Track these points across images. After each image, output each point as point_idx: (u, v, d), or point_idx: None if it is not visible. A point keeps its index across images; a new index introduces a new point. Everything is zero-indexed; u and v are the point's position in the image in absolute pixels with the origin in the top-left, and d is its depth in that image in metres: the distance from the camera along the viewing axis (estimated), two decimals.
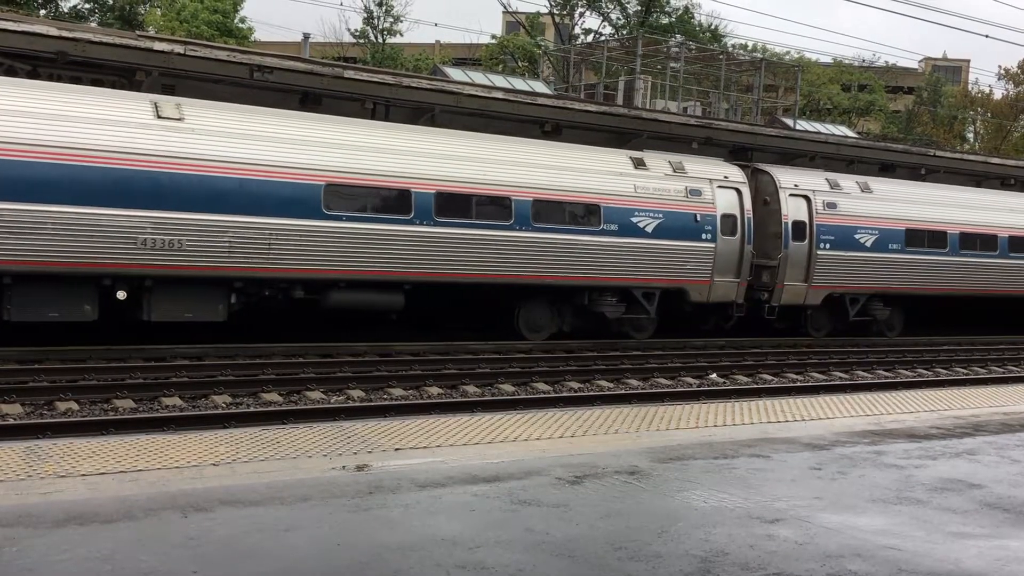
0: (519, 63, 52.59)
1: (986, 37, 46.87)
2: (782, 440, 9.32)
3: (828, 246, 22.11)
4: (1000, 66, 65.24)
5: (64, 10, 47.83)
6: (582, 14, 55.67)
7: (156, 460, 7.43)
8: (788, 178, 22.33)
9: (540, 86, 31.94)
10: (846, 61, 62.51)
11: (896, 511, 6.87)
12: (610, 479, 7.44)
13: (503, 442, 8.73)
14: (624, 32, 50.75)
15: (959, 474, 8.14)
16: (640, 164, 20.17)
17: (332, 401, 13.22)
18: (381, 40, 52.95)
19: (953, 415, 11.44)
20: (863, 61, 64.05)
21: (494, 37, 56.28)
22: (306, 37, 36.79)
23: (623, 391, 15.18)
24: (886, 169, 27.24)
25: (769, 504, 6.87)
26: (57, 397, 12.13)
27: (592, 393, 14.90)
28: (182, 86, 17.82)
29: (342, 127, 17.25)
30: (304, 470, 7.37)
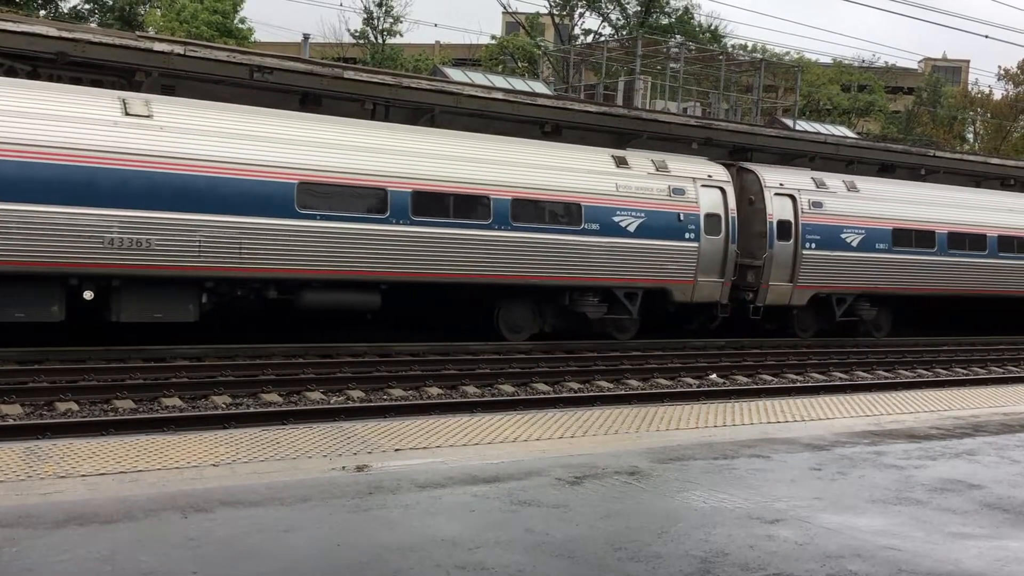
0: (519, 64, 52.60)
1: (986, 37, 46.86)
2: (782, 440, 9.31)
3: (814, 246, 21.91)
4: (1000, 66, 65.38)
5: (64, 11, 47.87)
6: (582, 15, 55.80)
7: (156, 461, 7.43)
8: (773, 177, 22.10)
9: (540, 87, 31.94)
10: (846, 61, 62.62)
11: (896, 511, 6.87)
12: (610, 479, 7.44)
13: (503, 443, 8.73)
14: (624, 32, 50.78)
15: (959, 474, 8.14)
16: (622, 163, 19.96)
17: (332, 402, 13.23)
18: (381, 41, 52.96)
19: (953, 415, 11.43)
20: (863, 61, 64.14)
21: (494, 38, 56.30)
22: (306, 38, 36.79)
23: (623, 392, 15.19)
24: (886, 170, 27.22)
25: (769, 504, 6.87)
26: (57, 398, 12.14)
27: (592, 394, 14.92)
28: (182, 87, 17.82)
29: (316, 125, 16.98)
30: (304, 471, 7.37)
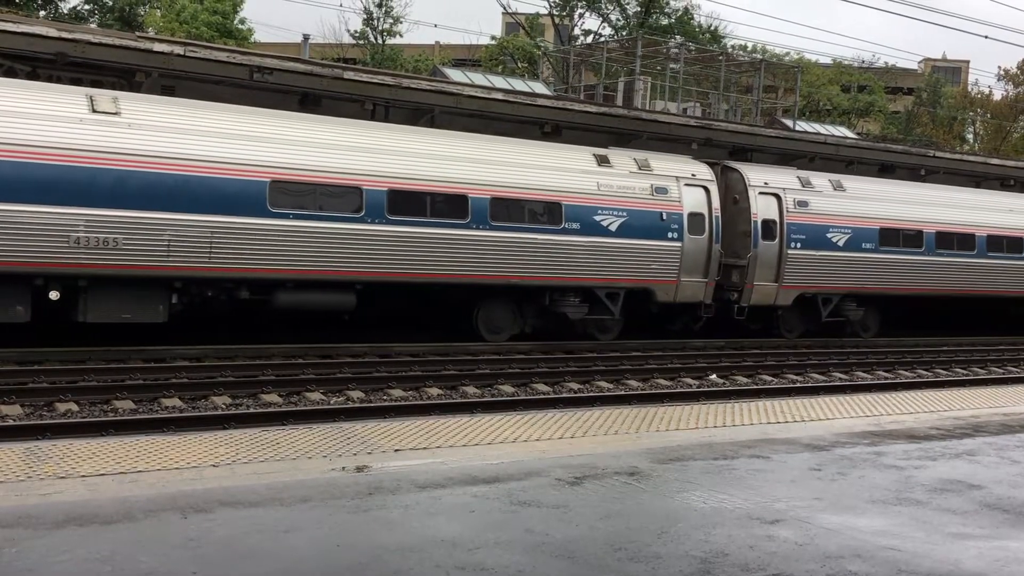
0: (519, 64, 52.59)
1: (985, 38, 46.77)
2: (782, 441, 9.31)
3: (799, 245, 21.74)
4: (1000, 67, 65.36)
5: (64, 11, 47.86)
6: (582, 15, 55.79)
7: (156, 461, 7.43)
8: (758, 176, 21.91)
9: (540, 87, 31.92)
10: (845, 62, 62.62)
11: (896, 512, 6.87)
12: (610, 480, 7.44)
13: (503, 443, 8.73)
14: (624, 33, 50.79)
15: (959, 475, 8.14)
16: (604, 161, 19.76)
17: (332, 402, 13.22)
18: (381, 41, 52.95)
19: (953, 416, 11.42)
20: (862, 62, 64.15)
21: (494, 38, 56.30)
22: (306, 38, 36.78)
23: (623, 392, 15.19)
24: (885, 170, 27.22)
25: (769, 505, 6.87)
26: (57, 398, 12.14)
27: (592, 394, 14.91)
28: (182, 87, 17.83)
29: (289, 122, 16.80)
30: (304, 471, 7.37)
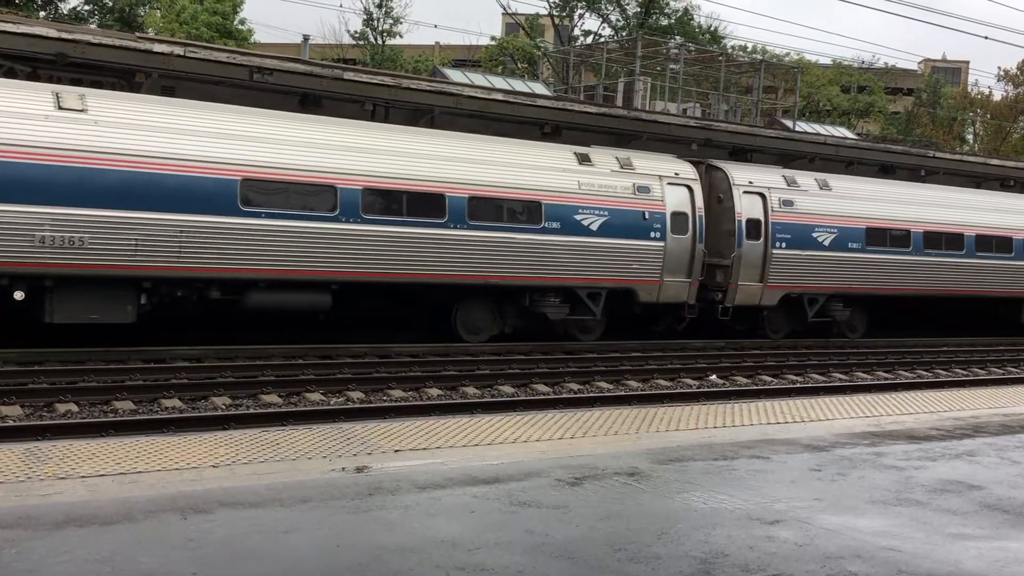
0: (519, 64, 52.60)
1: (985, 39, 46.87)
2: (782, 441, 9.31)
3: (784, 245, 21.60)
4: (999, 67, 65.38)
5: (64, 12, 47.86)
6: (581, 16, 55.81)
7: (155, 462, 7.43)
8: (742, 175, 21.74)
9: (540, 87, 31.91)
10: (845, 62, 62.63)
11: (896, 512, 6.87)
12: (610, 480, 7.44)
13: (503, 443, 8.73)
14: (623, 33, 50.80)
15: (959, 475, 8.13)
16: (585, 160, 19.63)
17: (332, 403, 13.22)
18: (380, 42, 52.94)
19: (953, 416, 11.42)
20: (862, 62, 64.16)
21: (493, 39, 56.31)
22: (306, 39, 36.79)
23: (623, 393, 15.19)
24: (885, 170, 27.24)
25: (769, 505, 6.86)
26: (57, 399, 12.14)
27: (592, 395, 14.91)
28: (182, 88, 17.84)
29: (262, 119, 16.64)
30: (304, 472, 7.37)
